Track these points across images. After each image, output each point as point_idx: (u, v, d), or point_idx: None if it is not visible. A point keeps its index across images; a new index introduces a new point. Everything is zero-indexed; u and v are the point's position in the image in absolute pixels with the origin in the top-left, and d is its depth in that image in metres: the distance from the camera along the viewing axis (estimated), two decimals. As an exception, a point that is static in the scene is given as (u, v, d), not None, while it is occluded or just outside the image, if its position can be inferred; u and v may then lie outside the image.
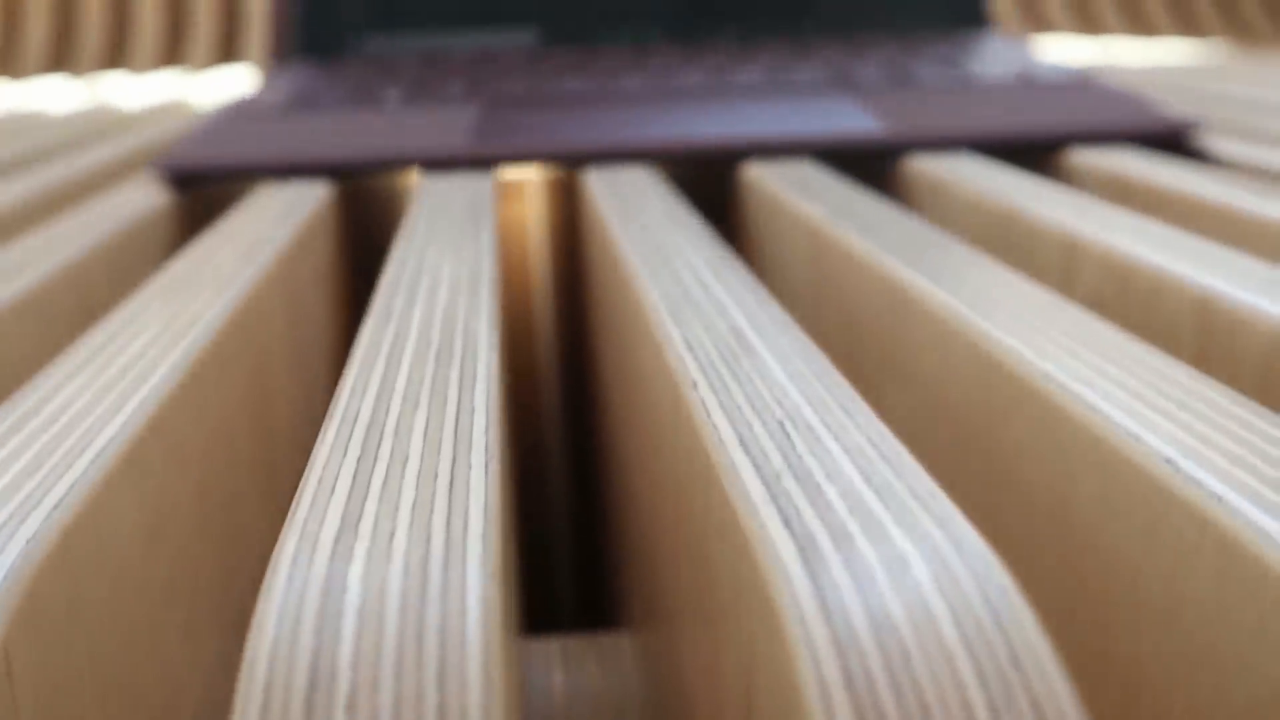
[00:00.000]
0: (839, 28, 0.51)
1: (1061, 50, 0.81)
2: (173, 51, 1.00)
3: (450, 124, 0.36)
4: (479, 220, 0.26)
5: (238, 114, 0.38)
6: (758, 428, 0.13)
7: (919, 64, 0.43)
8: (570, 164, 0.33)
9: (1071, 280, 0.23)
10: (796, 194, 0.28)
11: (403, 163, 0.33)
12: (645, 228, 0.24)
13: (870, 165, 0.34)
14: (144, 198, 0.31)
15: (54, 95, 0.71)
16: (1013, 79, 0.41)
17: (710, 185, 0.34)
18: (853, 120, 0.34)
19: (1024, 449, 0.15)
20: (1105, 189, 0.31)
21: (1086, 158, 0.32)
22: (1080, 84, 0.39)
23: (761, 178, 0.30)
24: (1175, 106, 0.42)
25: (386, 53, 0.50)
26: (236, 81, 0.84)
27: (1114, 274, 0.21)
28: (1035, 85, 0.39)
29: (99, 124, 0.51)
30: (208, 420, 0.17)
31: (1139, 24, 1.07)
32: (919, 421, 0.19)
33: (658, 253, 0.22)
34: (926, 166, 0.31)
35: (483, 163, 0.33)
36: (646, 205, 0.27)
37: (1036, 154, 0.34)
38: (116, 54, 0.98)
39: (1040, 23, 1.05)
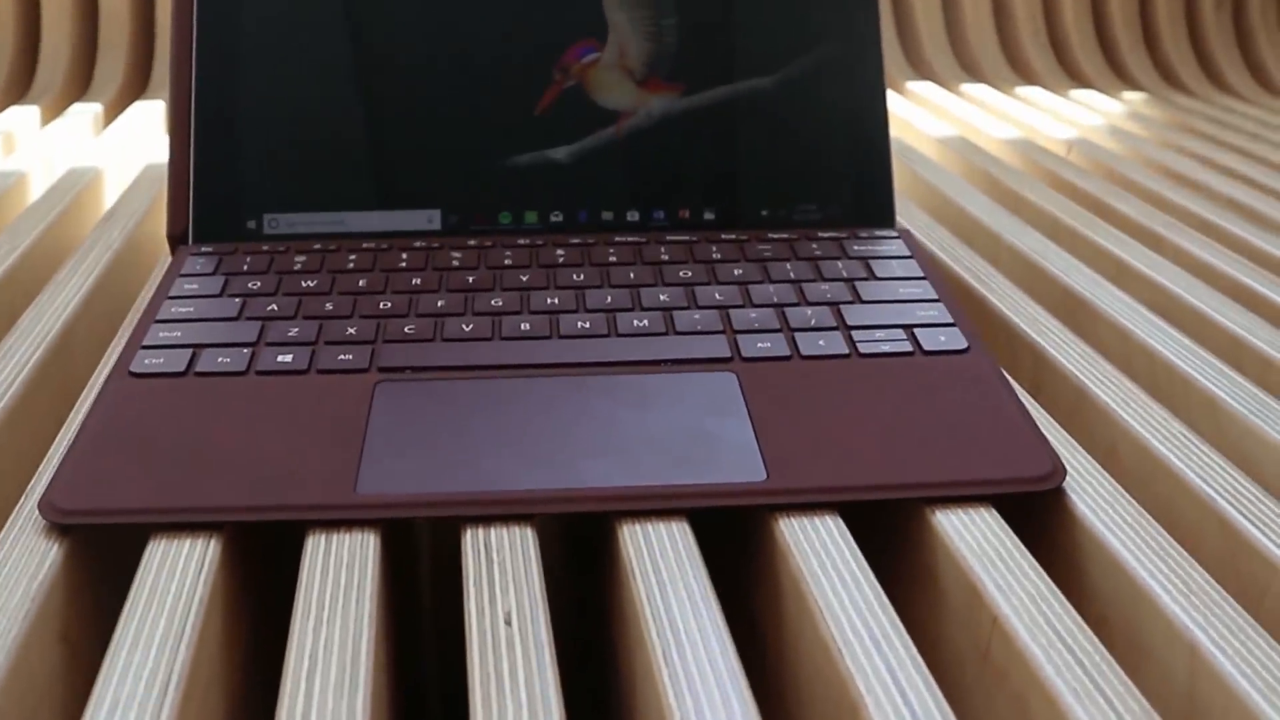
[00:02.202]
0: (744, 218, 0.51)
1: (986, 113, 0.80)
2: (83, 82, 0.97)
3: (342, 439, 0.36)
4: (354, 688, 0.27)
5: (125, 402, 0.38)
6: None
7: (809, 312, 0.43)
8: (451, 512, 0.34)
9: None
10: (655, 625, 0.29)
11: (291, 516, 0.33)
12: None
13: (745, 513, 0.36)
14: (31, 575, 0.31)
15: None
16: (899, 338, 0.42)
17: (589, 530, 0.35)
18: (731, 464, 0.35)
19: None
20: (957, 585, 0.32)
21: (948, 525, 0.34)
22: (962, 365, 0.40)
23: (630, 568, 0.31)
24: (1051, 435, 0.43)
25: (287, 232, 0.50)
26: (144, 123, 0.82)
27: None
28: (916, 364, 0.40)
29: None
30: None
31: (1069, 71, 1.07)
32: None
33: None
34: (791, 547, 0.33)
35: (367, 521, 0.33)
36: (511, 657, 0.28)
37: (905, 509, 0.35)
38: (22, 84, 0.95)
39: (972, 72, 1.05)
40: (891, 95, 0.92)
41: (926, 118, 0.84)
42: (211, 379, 0.40)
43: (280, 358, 0.41)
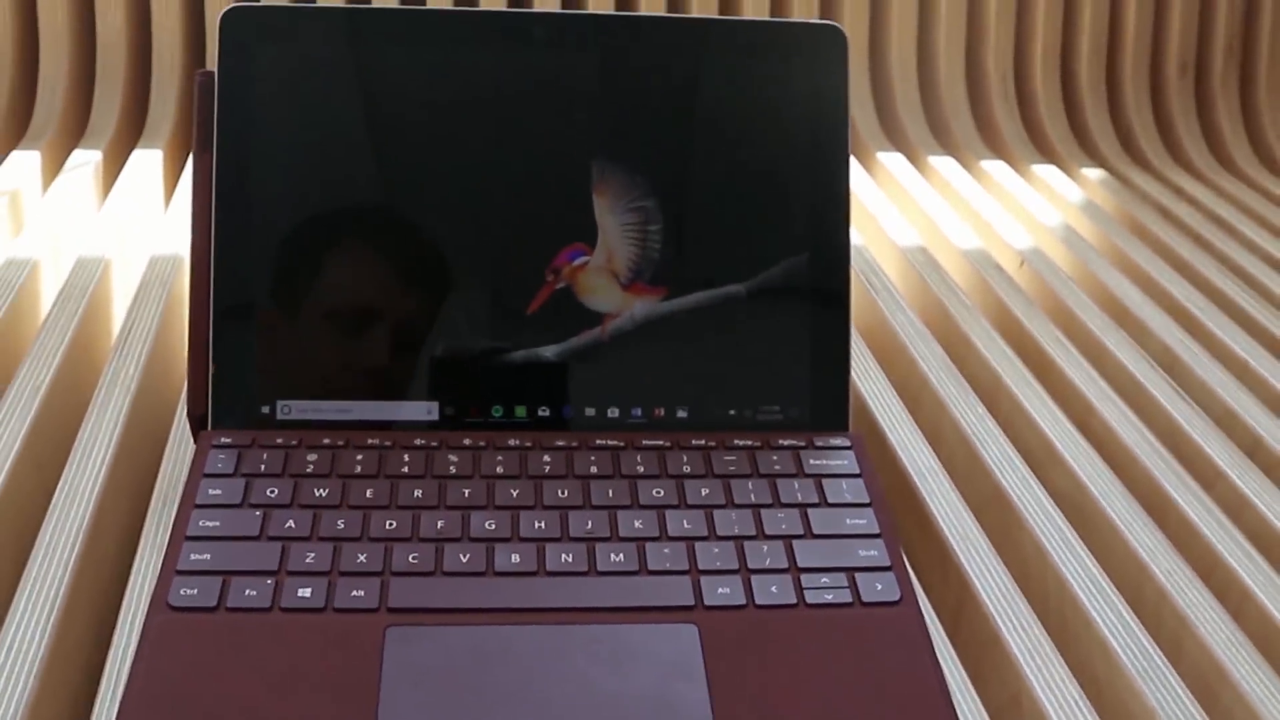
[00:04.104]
0: (713, 418, 0.57)
1: (949, 207, 0.84)
2: (82, 112, 1.00)
3: (359, 697, 0.42)
4: None
5: (166, 645, 0.44)
6: None
7: (765, 549, 0.49)
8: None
9: None
10: None
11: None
12: None
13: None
14: None
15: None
16: (841, 585, 0.48)
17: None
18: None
19: None
20: None
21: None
22: (893, 622, 0.47)
23: None
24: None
25: (298, 419, 0.55)
26: (143, 183, 0.85)
27: None
28: (854, 617, 0.47)
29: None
30: None
31: (1034, 136, 1.12)
32: None
33: None
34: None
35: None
36: None
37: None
38: (21, 114, 0.97)
39: (943, 136, 1.09)
40: (863, 177, 0.97)
41: (893, 216, 0.89)
42: (241, 615, 0.45)
43: (301, 592, 0.46)
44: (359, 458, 0.53)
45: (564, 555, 0.49)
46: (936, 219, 0.89)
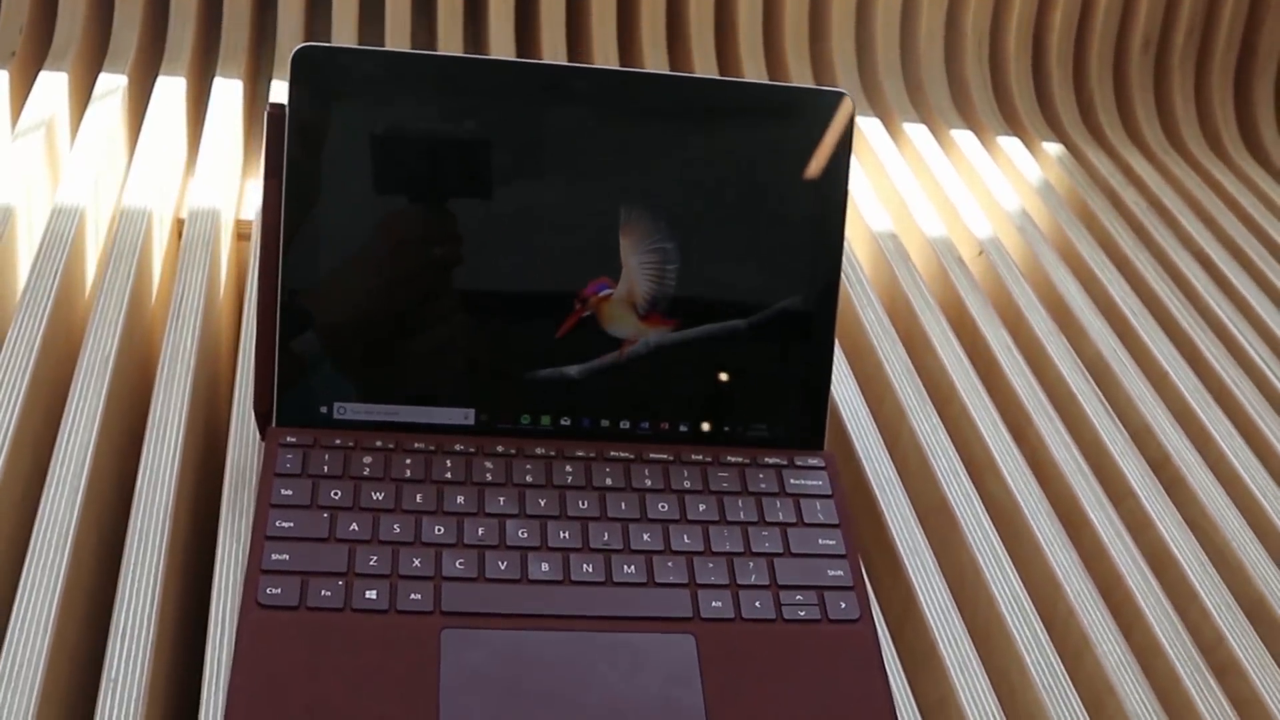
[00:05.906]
0: (711, 432, 0.66)
1: (918, 186, 0.92)
2: (101, 46, 1.02)
3: (423, 697, 0.52)
4: None
5: (259, 641, 0.53)
6: None
7: (750, 565, 0.59)
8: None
9: None
10: None
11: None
12: None
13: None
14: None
15: None
16: (813, 602, 0.58)
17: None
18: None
19: None
20: None
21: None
22: (853, 638, 0.57)
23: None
24: None
25: (352, 419, 0.63)
26: (170, 117, 0.90)
27: None
28: (821, 633, 0.57)
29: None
30: None
31: (1003, 103, 1.19)
32: None
33: None
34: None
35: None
36: None
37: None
38: (42, 43, 1.00)
39: (917, 95, 1.16)
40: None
41: (868, 195, 0.97)
42: (319, 614, 0.54)
43: (368, 593, 0.55)
44: (408, 462, 0.62)
45: (585, 565, 0.58)
46: (907, 200, 0.97)
